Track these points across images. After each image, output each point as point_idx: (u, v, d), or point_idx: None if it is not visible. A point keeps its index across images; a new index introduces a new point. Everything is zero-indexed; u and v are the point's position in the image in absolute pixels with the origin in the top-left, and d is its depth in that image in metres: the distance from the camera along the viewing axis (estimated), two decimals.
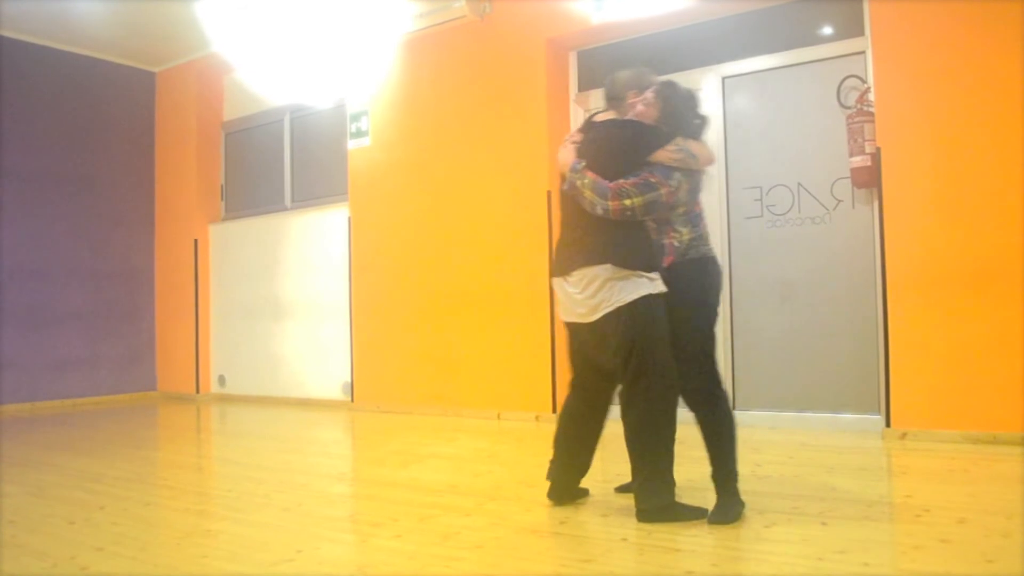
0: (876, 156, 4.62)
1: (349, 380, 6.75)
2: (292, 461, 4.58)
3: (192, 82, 7.96)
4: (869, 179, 4.68)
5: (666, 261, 3.05)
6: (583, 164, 3.01)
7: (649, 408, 2.94)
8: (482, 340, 5.95)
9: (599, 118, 3.24)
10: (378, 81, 6.69)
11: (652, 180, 2.96)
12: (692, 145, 3.08)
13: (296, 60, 7.19)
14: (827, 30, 5.14)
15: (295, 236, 7.35)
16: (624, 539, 2.76)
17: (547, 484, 3.26)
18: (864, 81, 4.85)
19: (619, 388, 3.08)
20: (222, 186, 8.14)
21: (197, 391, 7.82)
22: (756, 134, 5.26)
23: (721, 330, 5.21)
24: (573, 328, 3.17)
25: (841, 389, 4.88)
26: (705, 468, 3.02)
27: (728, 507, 2.90)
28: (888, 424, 4.53)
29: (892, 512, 3.06)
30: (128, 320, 7.94)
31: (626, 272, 2.95)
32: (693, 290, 3.06)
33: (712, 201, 5.31)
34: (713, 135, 5.33)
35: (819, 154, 5.01)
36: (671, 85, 3.22)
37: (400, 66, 6.58)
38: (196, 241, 7.89)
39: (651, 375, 2.95)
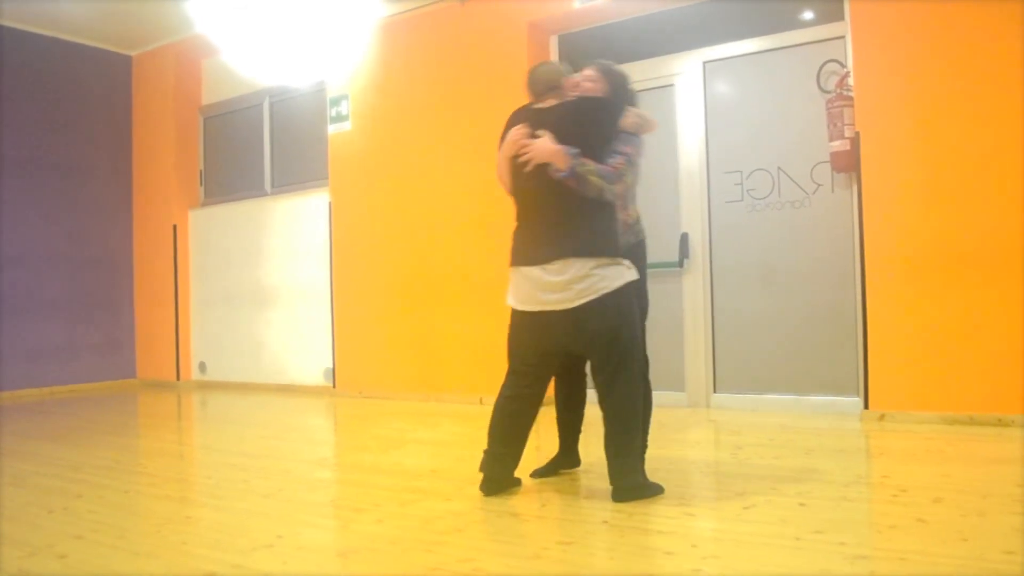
0: (855, 140, 4.64)
1: (331, 366, 6.74)
2: (273, 447, 4.57)
3: (169, 66, 7.87)
4: (848, 163, 4.70)
5: None
6: (577, 151, 2.97)
7: (631, 392, 2.99)
8: (463, 325, 5.95)
9: (544, 105, 3.18)
10: (358, 65, 6.65)
11: (629, 152, 3.02)
12: (641, 111, 3.19)
13: (276, 43, 7.10)
14: (807, 15, 5.15)
15: (275, 221, 7.30)
16: (604, 521, 2.77)
17: (527, 470, 3.28)
18: (844, 66, 4.86)
19: (592, 373, 3.11)
20: (201, 171, 8.07)
21: (178, 378, 7.78)
22: (737, 118, 5.27)
23: (702, 314, 5.28)
24: (533, 316, 3.07)
25: (820, 372, 4.92)
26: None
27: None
28: (867, 406, 4.57)
29: (870, 492, 3.09)
30: (107, 307, 7.88)
31: (608, 260, 2.96)
32: (640, 275, 3.18)
33: (693, 185, 5.34)
34: (694, 119, 5.35)
35: (799, 138, 5.03)
36: (605, 62, 3.37)
37: (380, 50, 6.53)
38: (175, 227, 7.83)
39: (634, 361, 3.00)
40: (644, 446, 3.16)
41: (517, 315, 3.14)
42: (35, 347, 7.28)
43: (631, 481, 2.94)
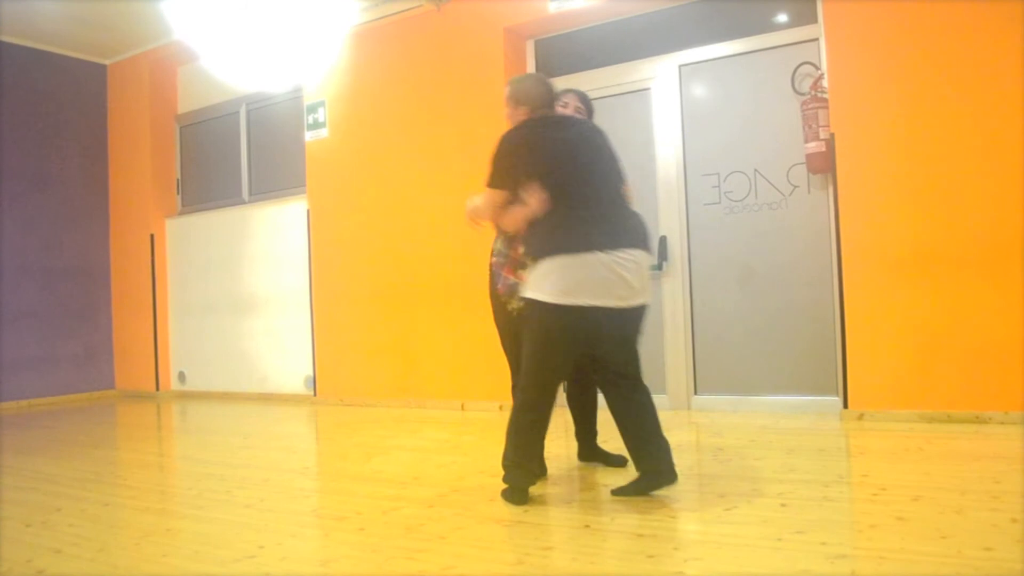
0: (830, 142, 4.68)
1: (311, 374, 6.71)
2: (254, 457, 4.54)
3: (145, 74, 7.82)
4: (824, 165, 4.74)
5: None
6: None
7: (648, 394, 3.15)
8: (444, 331, 5.94)
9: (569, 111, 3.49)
10: (336, 72, 6.63)
11: None
12: None
13: (252, 50, 7.06)
14: (781, 17, 5.19)
15: (254, 229, 7.26)
16: (587, 526, 2.78)
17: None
18: (818, 68, 4.91)
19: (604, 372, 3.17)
20: (178, 180, 8.02)
21: (157, 388, 7.71)
22: (713, 121, 5.30)
23: (682, 316, 5.30)
24: (605, 312, 2.93)
25: (800, 372, 4.96)
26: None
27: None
28: (846, 405, 4.61)
29: (850, 492, 3.11)
30: (84, 318, 7.80)
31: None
32: None
33: (671, 188, 5.36)
34: (671, 123, 5.38)
35: (775, 140, 5.06)
36: (582, 91, 3.71)
37: (357, 56, 6.52)
38: (152, 236, 7.77)
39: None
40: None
41: (575, 311, 2.90)
42: (11, 359, 7.19)
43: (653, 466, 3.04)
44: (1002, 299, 4.19)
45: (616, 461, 3.59)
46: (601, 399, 3.27)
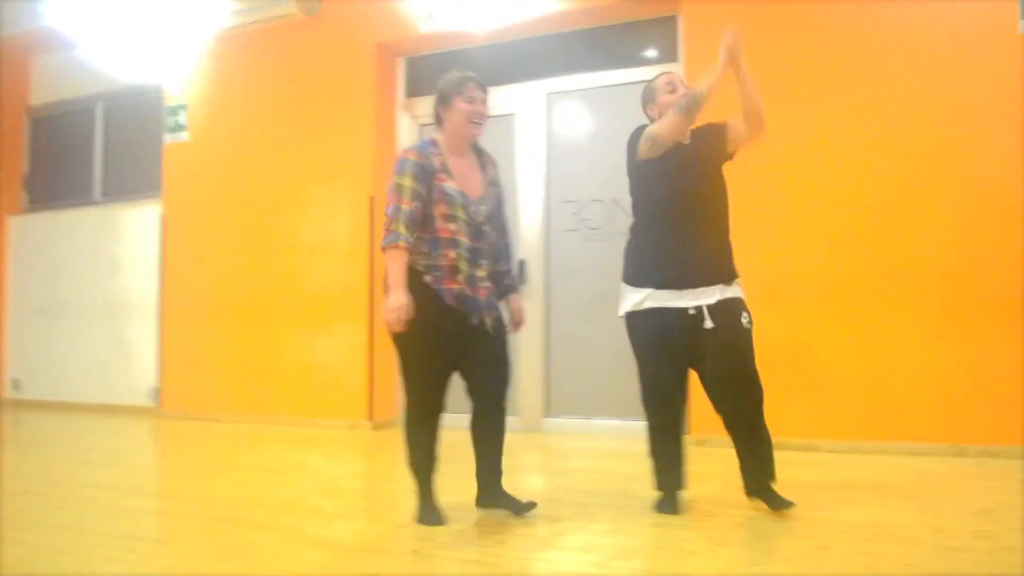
0: None
1: (157, 385, 6.41)
2: (82, 473, 4.29)
3: None
4: None
5: None
6: None
7: None
8: (298, 346, 5.81)
9: None
10: (200, 74, 6.41)
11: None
12: None
13: (113, 44, 6.75)
14: (646, 53, 5.36)
15: (103, 232, 6.91)
16: (416, 551, 2.75)
17: (352, 495, 3.22)
18: None
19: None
20: (25, 175, 7.55)
21: None
22: (576, 150, 5.41)
23: (539, 339, 5.36)
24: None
25: None
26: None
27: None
28: (688, 431, 4.75)
29: (679, 519, 3.17)
30: None
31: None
32: None
33: (534, 214, 5.43)
34: (536, 149, 5.46)
35: None
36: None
37: (224, 60, 6.33)
38: None
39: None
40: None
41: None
42: None
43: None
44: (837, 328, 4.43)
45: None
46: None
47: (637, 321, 3.20)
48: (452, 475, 3.28)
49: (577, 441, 4.94)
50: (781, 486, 3.56)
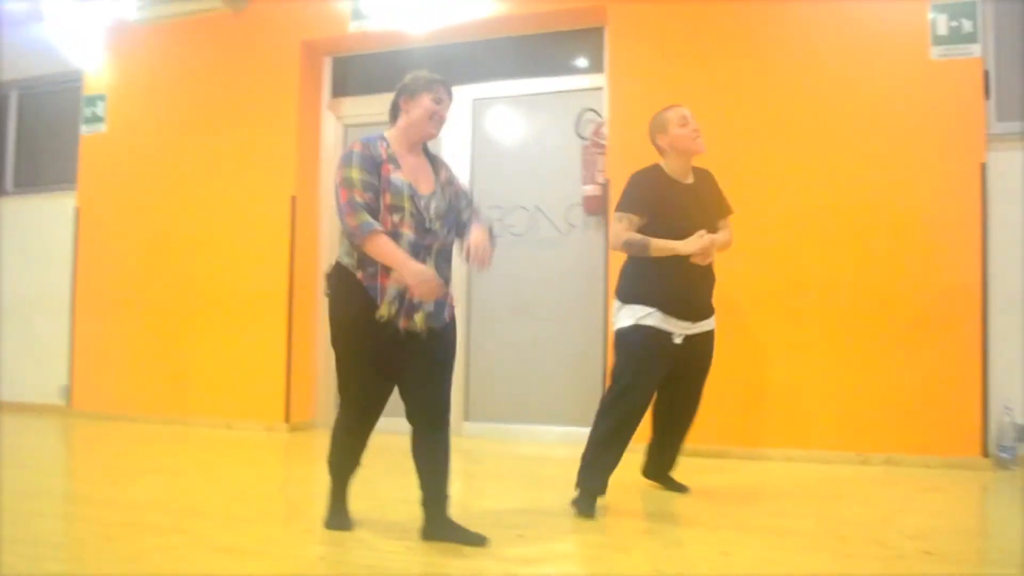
0: (605, 187, 4.92)
1: (67, 383, 6.22)
2: None
3: None
4: (599, 207, 4.98)
5: None
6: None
7: None
8: (215, 346, 5.71)
9: None
10: (121, 65, 6.25)
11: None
12: None
13: (30, 31, 6.52)
14: (572, 63, 5.42)
15: (13, 223, 6.67)
16: (321, 558, 2.73)
17: (270, 497, 3.17)
18: (600, 115, 5.15)
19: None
20: None
21: None
22: (501, 156, 5.44)
23: (461, 344, 5.33)
24: None
25: (565, 403, 5.15)
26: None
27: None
28: None
29: (585, 524, 3.20)
30: None
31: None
32: None
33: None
34: (461, 155, 5.47)
35: (557, 180, 5.26)
36: None
37: (147, 52, 6.18)
38: None
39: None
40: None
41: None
42: None
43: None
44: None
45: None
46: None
47: (637, 335, 3.32)
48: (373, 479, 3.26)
49: (494, 446, 4.96)
50: (692, 492, 3.65)
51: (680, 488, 3.68)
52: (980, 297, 4.31)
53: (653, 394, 3.44)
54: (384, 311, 2.69)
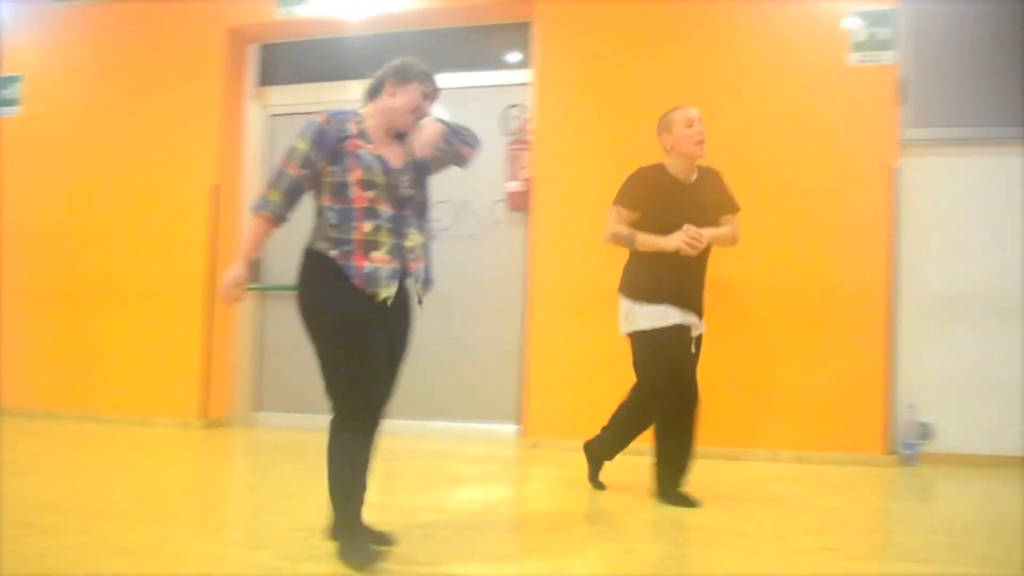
0: (529, 183, 4.92)
1: None
2: None
3: None
4: (522, 203, 4.98)
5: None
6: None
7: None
8: (130, 339, 5.55)
9: None
10: (39, 46, 6.01)
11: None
12: None
13: None
14: (501, 58, 5.41)
15: None
16: (223, 558, 2.67)
17: (165, 498, 3.08)
18: (526, 111, 5.15)
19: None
20: None
21: None
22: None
23: None
24: None
25: (482, 400, 5.16)
26: None
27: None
28: (522, 434, 4.83)
29: (497, 521, 3.21)
30: None
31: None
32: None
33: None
34: None
35: (483, 175, 5.22)
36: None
37: (67, 34, 5.97)
38: None
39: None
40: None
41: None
42: None
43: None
44: None
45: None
46: None
47: (663, 337, 3.38)
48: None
49: (412, 443, 4.93)
50: (608, 490, 3.66)
51: (694, 503, 3.42)
52: (887, 298, 4.44)
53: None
54: (384, 292, 2.63)
